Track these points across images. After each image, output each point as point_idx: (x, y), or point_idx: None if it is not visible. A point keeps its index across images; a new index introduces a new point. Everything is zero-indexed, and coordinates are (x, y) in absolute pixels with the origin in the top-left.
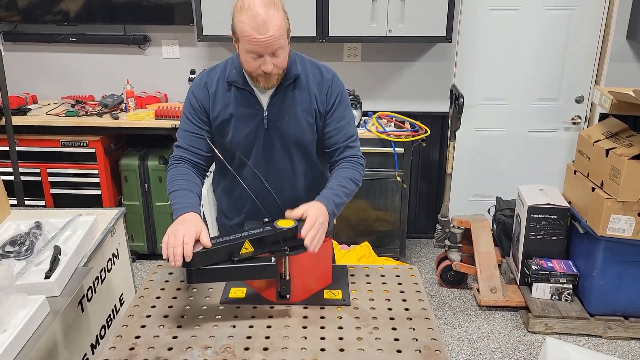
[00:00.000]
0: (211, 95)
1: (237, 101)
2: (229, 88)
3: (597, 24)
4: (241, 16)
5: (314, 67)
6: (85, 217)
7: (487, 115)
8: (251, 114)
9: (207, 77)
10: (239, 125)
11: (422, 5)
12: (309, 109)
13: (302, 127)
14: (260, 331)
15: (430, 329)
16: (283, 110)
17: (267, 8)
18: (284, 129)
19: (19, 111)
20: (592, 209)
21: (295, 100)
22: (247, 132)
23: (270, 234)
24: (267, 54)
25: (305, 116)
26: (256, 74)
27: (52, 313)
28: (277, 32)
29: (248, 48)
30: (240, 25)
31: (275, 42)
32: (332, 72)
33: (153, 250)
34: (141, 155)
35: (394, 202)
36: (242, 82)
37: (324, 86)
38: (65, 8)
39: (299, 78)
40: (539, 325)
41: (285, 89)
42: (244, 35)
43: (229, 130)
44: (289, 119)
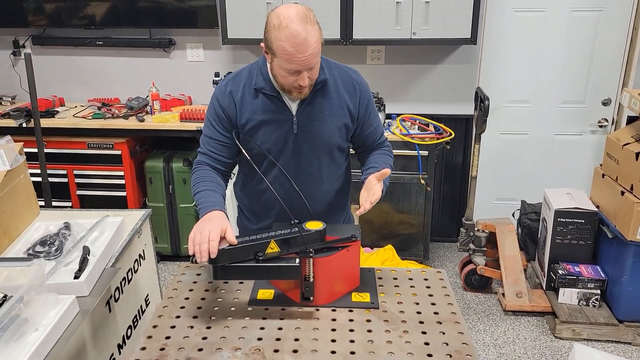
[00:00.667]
0: (237, 103)
1: (266, 107)
2: (256, 95)
3: (625, 26)
4: (278, 34)
5: (340, 70)
6: (113, 218)
7: (512, 118)
8: (280, 120)
9: (232, 85)
10: (268, 131)
11: (447, 7)
12: (338, 113)
13: (331, 131)
14: (289, 333)
15: (461, 334)
16: (312, 115)
17: (305, 24)
18: (313, 134)
19: (47, 114)
20: (622, 213)
21: (324, 104)
22: (276, 138)
23: (296, 235)
24: (305, 69)
25: (334, 120)
26: (291, 87)
27: (81, 313)
28: (315, 50)
29: (286, 66)
30: (278, 43)
31: (314, 60)
32: (359, 74)
33: (177, 252)
34: (166, 158)
35: (417, 205)
36: (270, 89)
37: (355, 90)
38: (92, 12)
39: (327, 82)
40: (566, 331)
41: (314, 94)
42: (283, 54)
43: (258, 136)
44: (318, 123)
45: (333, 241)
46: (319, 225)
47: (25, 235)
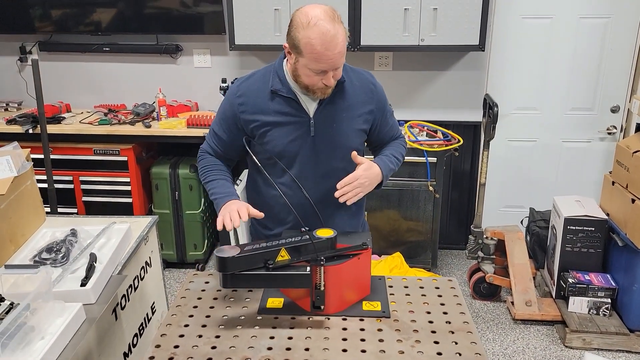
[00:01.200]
0: (249, 106)
1: (282, 110)
2: (272, 97)
3: (634, 33)
4: (307, 32)
5: (356, 73)
6: (120, 224)
7: (520, 125)
8: (297, 122)
9: (245, 87)
10: (283, 133)
11: (455, 14)
12: (355, 115)
13: (348, 133)
14: (299, 342)
15: (474, 343)
16: (330, 117)
17: (333, 23)
18: (330, 136)
19: (53, 119)
20: (632, 221)
21: (342, 106)
22: (291, 139)
23: (307, 242)
24: (332, 69)
25: (352, 122)
26: (315, 87)
27: (88, 321)
28: (342, 49)
29: (314, 66)
30: (307, 42)
31: (341, 59)
32: (374, 76)
33: (183, 259)
34: (172, 164)
35: (425, 212)
36: (287, 91)
37: (372, 92)
38: (98, 18)
39: (344, 84)
40: (577, 340)
41: (332, 96)
42: (312, 53)
43: (271, 139)
44: (336, 125)
45: (344, 249)
46: (330, 232)
47: (32, 242)
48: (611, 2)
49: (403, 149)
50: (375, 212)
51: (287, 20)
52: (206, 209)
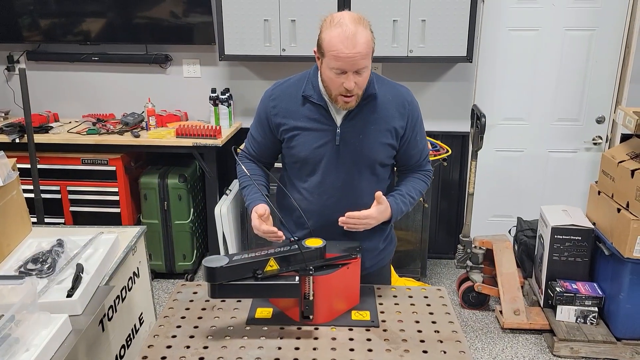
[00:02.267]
0: (281, 109)
1: (311, 116)
2: (304, 102)
3: (617, 44)
4: (330, 31)
5: (392, 87)
6: (107, 235)
7: (507, 136)
8: (323, 130)
9: (278, 91)
10: (309, 139)
11: (443, 25)
12: (383, 129)
13: (375, 147)
14: (288, 353)
15: (462, 352)
16: (357, 129)
17: (357, 25)
18: (356, 148)
19: (40, 129)
20: (618, 231)
21: (371, 119)
22: (316, 147)
23: (295, 252)
24: (352, 71)
25: (380, 136)
26: (337, 92)
27: (74, 332)
28: (364, 50)
29: (333, 64)
30: (328, 39)
31: (361, 60)
32: (411, 93)
33: (171, 269)
34: (161, 174)
35: (415, 221)
36: (318, 98)
37: (404, 108)
38: (87, 28)
39: (376, 98)
40: (565, 349)
41: (361, 108)
42: (331, 50)
43: (299, 143)
44: (362, 137)
45: (333, 258)
46: (319, 242)
47: (17, 253)
48: (596, 15)
49: (424, 186)
50: None
51: (277, 31)
52: (195, 219)
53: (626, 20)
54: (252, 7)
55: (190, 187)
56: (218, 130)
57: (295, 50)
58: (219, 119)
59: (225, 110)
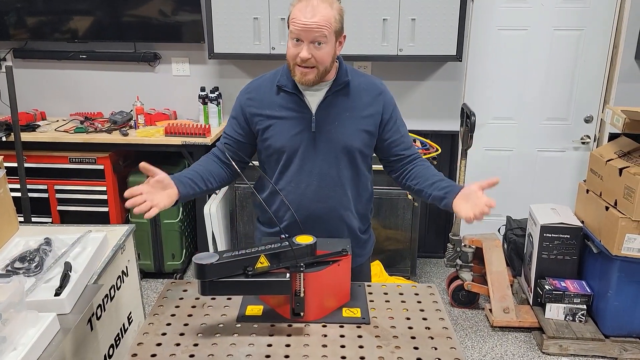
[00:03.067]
0: (257, 101)
1: (285, 104)
2: (278, 92)
3: (606, 45)
4: (297, 4)
5: (366, 77)
6: (96, 233)
7: (496, 135)
8: (298, 117)
9: (255, 84)
10: (285, 127)
11: (433, 24)
12: (358, 116)
13: (350, 133)
14: (279, 350)
15: (453, 349)
16: (332, 115)
17: (321, 2)
18: (331, 134)
19: (27, 127)
20: (606, 229)
21: (345, 106)
22: (292, 134)
23: (286, 249)
24: (307, 40)
25: (355, 123)
26: (294, 63)
27: (62, 331)
28: (321, 21)
29: (291, 32)
30: (292, 10)
31: (317, 30)
32: (384, 83)
33: (160, 269)
34: None
35: (404, 220)
36: (292, 87)
37: (379, 96)
38: (75, 26)
39: (349, 85)
40: (553, 346)
41: (335, 95)
42: (292, 19)
43: (275, 133)
44: (338, 124)
45: (323, 255)
46: (310, 239)
47: (4, 252)
48: (584, 15)
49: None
50: None
51: (267, 29)
52: (184, 219)
53: (614, 21)
54: (242, 5)
55: None
56: (207, 129)
57: (284, 49)
58: (208, 117)
59: (215, 108)
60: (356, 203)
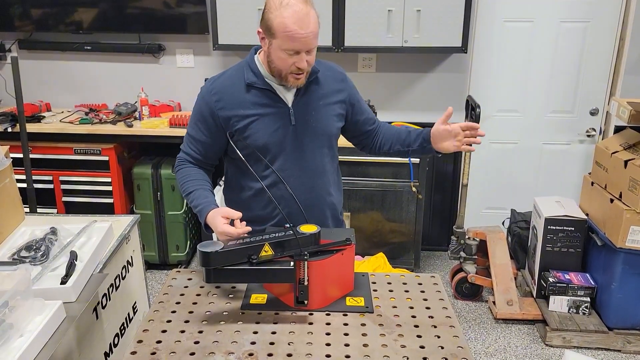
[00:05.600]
0: (225, 102)
1: (259, 102)
2: (248, 90)
3: (612, 37)
4: (281, 12)
5: (325, 64)
6: (101, 223)
7: (501, 127)
8: (276, 113)
9: (219, 84)
10: (264, 125)
11: (438, 16)
12: (332, 102)
13: (327, 119)
14: (283, 337)
15: (456, 337)
16: (308, 105)
17: (306, 5)
18: (310, 123)
19: (33, 119)
20: (611, 221)
21: (318, 94)
22: (273, 130)
23: (291, 238)
24: (304, 50)
25: (329, 109)
26: (288, 72)
27: (68, 319)
28: (315, 29)
29: (287, 45)
30: (280, 21)
31: (313, 40)
32: (342, 68)
33: (164, 260)
34: (154, 164)
35: (408, 213)
36: (262, 83)
37: (343, 80)
38: (80, 17)
39: (317, 75)
40: (557, 338)
41: (307, 85)
42: (285, 31)
43: (252, 132)
44: (314, 113)
45: (327, 244)
46: (314, 228)
47: (10, 241)
48: (590, 7)
49: None
50: (359, 213)
51: None
52: (189, 210)
53: (620, 12)
54: None
55: None
56: None
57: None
58: None
59: None
60: (335, 187)
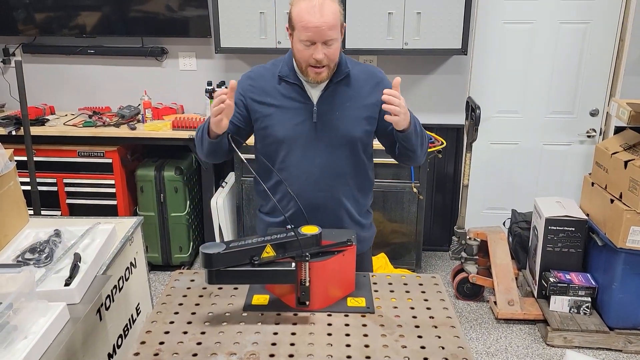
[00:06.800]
0: (258, 90)
1: (286, 95)
2: (279, 82)
3: (612, 38)
4: (298, 3)
5: (365, 67)
6: (104, 225)
7: (501, 128)
8: (300, 107)
9: (255, 73)
10: (286, 117)
11: (438, 18)
12: (359, 105)
13: (351, 122)
14: (284, 338)
15: (457, 337)
16: (333, 105)
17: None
18: (332, 123)
19: (37, 122)
20: (611, 221)
21: (346, 96)
22: (294, 124)
23: (292, 239)
24: (320, 41)
25: (355, 112)
26: (307, 64)
27: (71, 320)
28: (331, 20)
29: (302, 36)
30: (296, 12)
31: (329, 31)
32: (382, 71)
33: (168, 262)
34: (157, 166)
35: (410, 213)
36: (293, 77)
37: (377, 83)
38: (83, 21)
39: (350, 75)
40: (558, 338)
41: (336, 85)
42: (300, 22)
43: (276, 122)
44: (339, 114)
45: (329, 245)
46: (315, 229)
47: (15, 243)
48: (590, 8)
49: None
50: None
51: (273, 24)
52: (191, 212)
53: (620, 13)
54: (248, 0)
55: (187, 180)
56: None
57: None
58: None
59: None
60: (357, 191)
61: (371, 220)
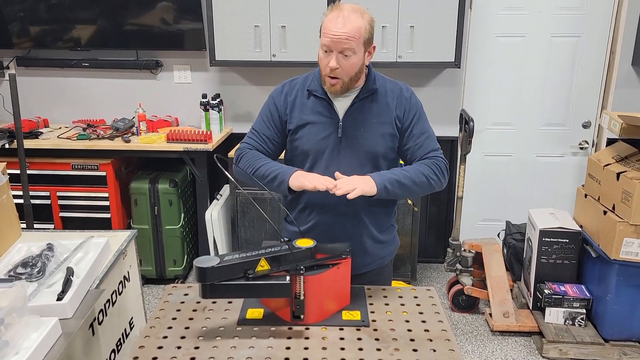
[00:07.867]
0: (290, 103)
1: (314, 109)
2: (308, 96)
3: (603, 51)
4: (329, 14)
5: (393, 84)
6: (98, 238)
7: (495, 140)
8: (326, 122)
9: (288, 87)
10: (313, 131)
11: (431, 31)
12: (385, 122)
13: (375, 139)
14: (279, 352)
15: (452, 351)
16: (358, 121)
17: (353, 12)
18: (357, 139)
19: (30, 134)
20: (605, 233)
21: (372, 112)
22: (319, 139)
23: (286, 252)
24: (336, 50)
25: (380, 128)
26: (325, 73)
27: (64, 335)
28: (351, 32)
29: (322, 42)
30: (325, 20)
31: (346, 41)
32: (411, 90)
33: (162, 275)
34: (151, 179)
35: (405, 225)
36: (321, 92)
37: (403, 102)
38: (78, 34)
39: (377, 92)
40: (553, 350)
41: (363, 102)
42: (324, 29)
43: (302, 135)
44: (364, 130)
45: (323, 259)
46: (309, 242)
47: (7, 257)
48: (581, 22)
49: (427, 168)
50: None
51: (267, 37)
52: (186, 224)
53: (611, 27)
54: (243, 13)
55: (181, 192)
56: (209, 135)
57: (285, 56)
58: (210, 124)
59: (216, 115)
60: (377, 206)
61: (394, 234)
